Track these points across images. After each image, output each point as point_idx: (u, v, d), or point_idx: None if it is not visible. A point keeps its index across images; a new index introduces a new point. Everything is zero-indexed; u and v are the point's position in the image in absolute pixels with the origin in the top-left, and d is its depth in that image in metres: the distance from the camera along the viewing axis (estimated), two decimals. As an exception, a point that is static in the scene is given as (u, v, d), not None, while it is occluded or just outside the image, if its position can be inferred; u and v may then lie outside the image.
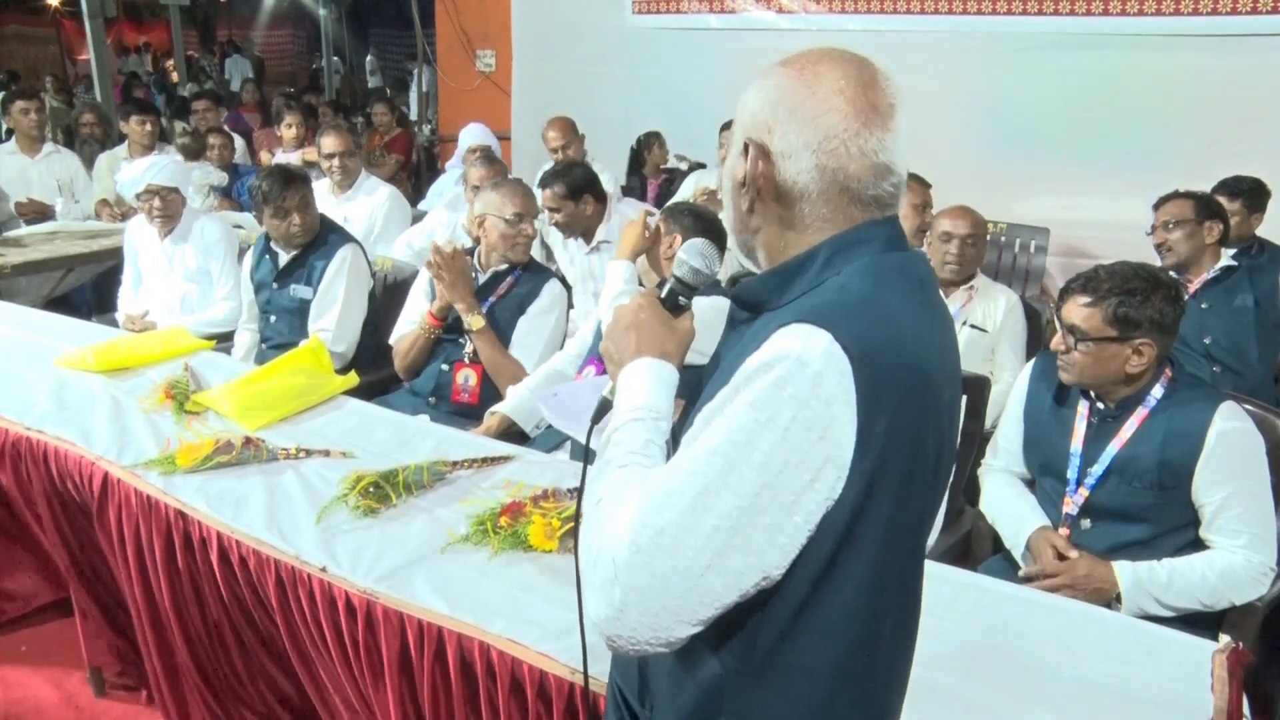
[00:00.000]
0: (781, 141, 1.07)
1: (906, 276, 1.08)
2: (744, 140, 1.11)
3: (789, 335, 0.96)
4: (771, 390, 0.94)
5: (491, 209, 2.92)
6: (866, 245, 1.07)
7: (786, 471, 0.93)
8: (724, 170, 1.17)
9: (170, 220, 3.74)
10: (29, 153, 5.39)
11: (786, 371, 0.94)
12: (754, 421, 0.94)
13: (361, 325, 3.41)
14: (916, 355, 1.01)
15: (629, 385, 1.17)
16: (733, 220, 1.16)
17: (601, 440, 1.14)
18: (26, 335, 3.07)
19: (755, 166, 1.09)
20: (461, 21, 7.82)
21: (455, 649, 1.62)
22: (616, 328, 1.24)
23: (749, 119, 1.11)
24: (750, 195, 1.11)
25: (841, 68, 1.07)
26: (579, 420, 1.88)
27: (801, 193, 1.07)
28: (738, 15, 6.38)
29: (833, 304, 1.01)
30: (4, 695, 2.64)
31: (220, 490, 2.07)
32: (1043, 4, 5.24)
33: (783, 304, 1.08)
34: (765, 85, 1.10)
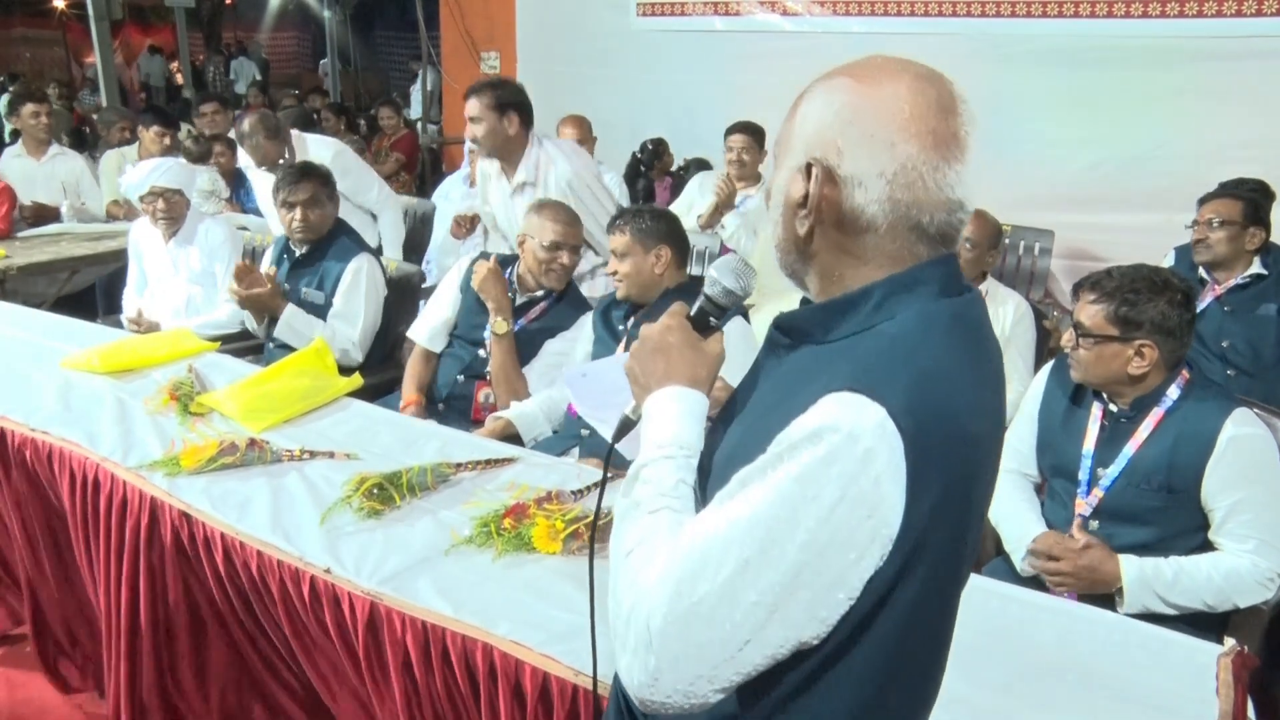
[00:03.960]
0: (851, 166, 0.99)
1: (962, 325, 1.01)
2: (806, 158, 1.02)
3: (839, 405, 0.90)
4: (819, 466, 0.88)
5: (532, 232, 2.90)
6: (924, 287, 1.01)
7: (831, 549, 0.89)
8: (774, 184, 1.08)
9: (174, 222, 3.74)
10: (35, 155, 5.41)
11: (835, 447, 0.88)
12: (799, 496, 0.89)
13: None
14: (968, 424, 0.96)
15: (657, 416, 1.12)
16: (783, 241, 1.08)
17: (628, 475, 1.09)
18: (32, 337, 3.07)
19: (819, 190, 1.01)
20: (466, 24, 7.83)
21: (459, 651, 1.62)
22: (643, 349, 1.18)
23: (812, 134, 1.02)
24: (810, 220, 1.03)
25: (921, 88, 0.99)
26: (604, 406, 1.87)
27: (868, 224, 1.00)
28: (742, 18, 6.39)
29: (886, 365, 0.94)
30: (9, 696, 2.64)
31: (225, 492, 2.07)
32: (1047, 7, 5.24)
33: (829, 339, 1.02)
34: (832, 99, 1.02)
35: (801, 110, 1.05)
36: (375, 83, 16.00)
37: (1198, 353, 3.20)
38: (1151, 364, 2.05)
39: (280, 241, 3.51)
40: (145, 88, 17.07)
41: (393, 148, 7.87)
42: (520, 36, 7.49)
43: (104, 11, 8.15)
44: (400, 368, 3.10)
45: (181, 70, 15.06)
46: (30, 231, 4.89)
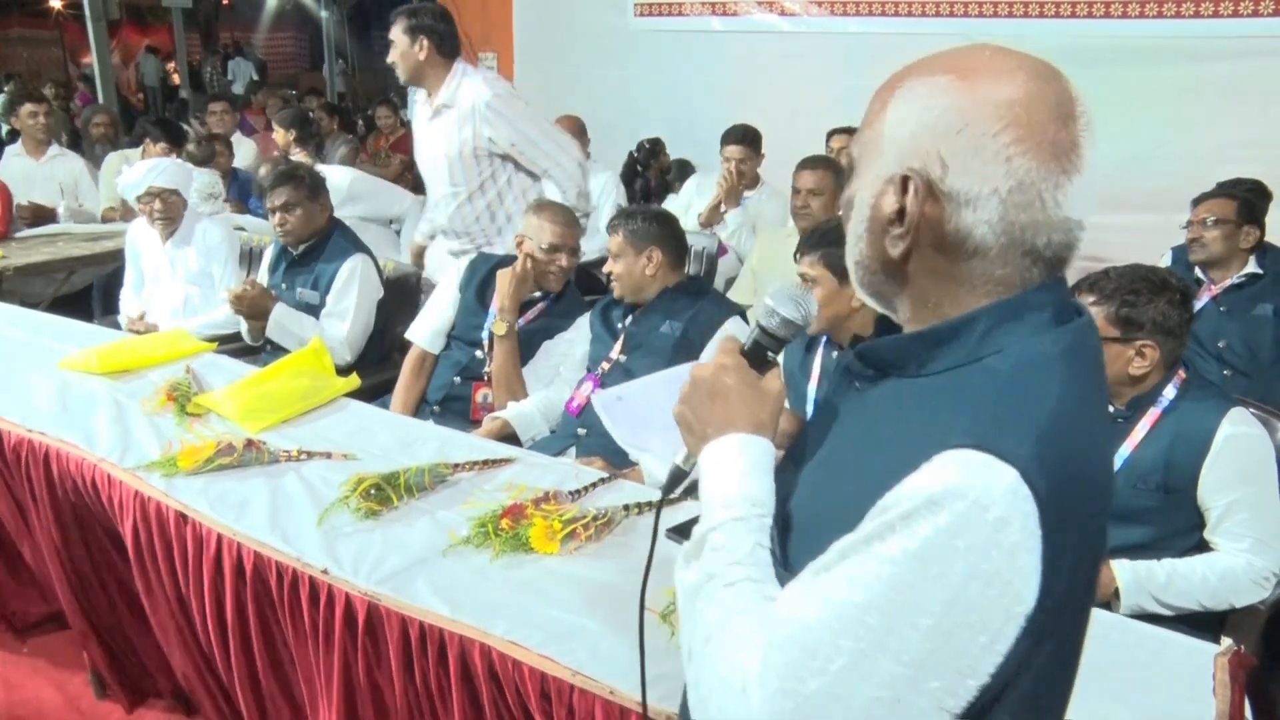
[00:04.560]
0: (959, 182, 0.87)
1: (1078, 358, 0.90)
2: (901, 168, 0.90)
3: (962, 466, 0.78)
4: (942, 539, 0.77)
5: (530, 233, 2.90)
6: (1034, 315, 0.90)
7: (960, 634, 0.78)
8: (857, 196, 0.96)
9: (171, 223, 3.75)
10: (34, 155, 5.42)
11: (961, 516, 0.77)
12: (920, 576, 0.77)
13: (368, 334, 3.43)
14: (1097, 474, 0.88)
15: (720, 469, 1.00)
16: (867, 259, 0.97)
17: (693, 539, 0.99)
18: (29, 337, 3.07)
19: (919, 207, 0.89)
20: (463, 24, 7.78)
21: (457, 651, 1.62)
22: (696, 394, 1.06)
23: (908, 139, 0.90)
24: (906, 241, 0.91)
25: (1039, 89, 0.87)
26: (642, 431, 1.84)
27: (976, 248, 0.89)
28: (740, 18, 6.39)
29: (1008, 413, 0.83)
30: (6, 696, 2.64)
31: (222, 492, 2.07)
32: (1044, 7, 5.25)
33: (923, 373, 0.92)
34: (934, 99, 0.89)
35: (894, 109, 0.92)
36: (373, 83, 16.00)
37: (1194, 353, 3.20)
38: (1152, 364, 2.05)
39: (278, 245, 3.51)
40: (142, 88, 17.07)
41: (392, 148, 7.87)
42: (518, 37, 7.49)
43: (101, 12, 8.16)
44: (398, 368, 3.09)
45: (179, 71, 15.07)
46: (28, 232, 4.89)
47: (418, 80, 3.53)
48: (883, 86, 0.95)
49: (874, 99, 0.96)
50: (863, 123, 0.97)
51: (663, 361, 2.58)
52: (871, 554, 0.80)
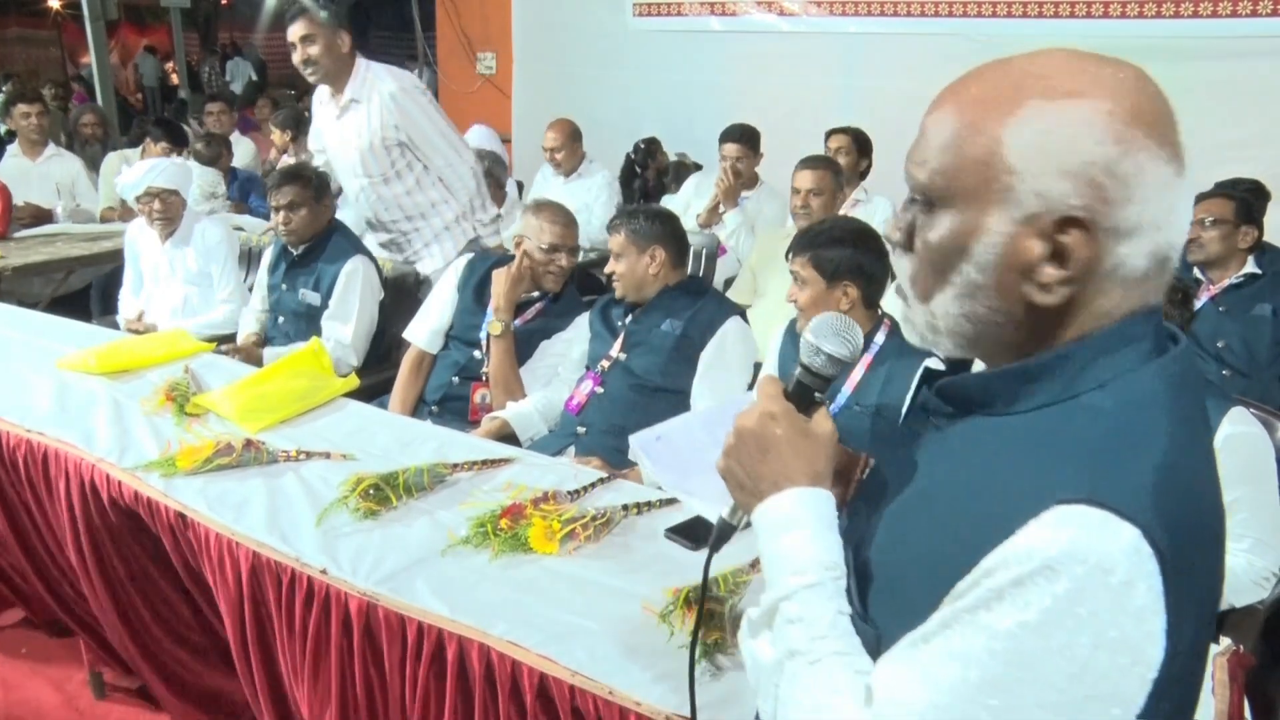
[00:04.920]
0: (1123, 213, 0.78)
1: (1184, 391, 0.83)
2: (1053, 209, 0.79)
3: (1079, 525, 0.72)
4: (1062, 608, 0.71)
5: (529, 233, 2.89)
6: (1135, 345, 0.83)
7: (1091, 708, 0.72)
8: (959, 241, 0.85)
9: (170, 223, 3.74)
10: (30, 155, 5.40)
11: (1082, 582, 0.70)
12: (1042, 649, 0.71)
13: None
14: (1213, 521, 0.82)
15: (783, 531, 0.93)
16: (990, 314, 0.86)
17: (762, 609, 0.93)
18: (28, 337, 3.06)
19: (1084, 250, 0.79)
20: (462, 24, 7.83)
21: (455, 651, 1.62)
22: (743, 447, 0.98)
23: (1052, 175, 0.79)
24: (1071, 289, 0.81)
25: (1156, 92, 0.81)
26: (686, 473, 1.82)
27: (1122, 280, 0.81)
28: (739, 18, 6.39)
29: (1120, 462, 0.76)
30: (5, 697, 2.64)
31: (221, 492, 2.07)
32: (1043, 7, 5.25)
33: (1013, 411, 0.85)
34: (1070, 127, 0.78)
35: (1017, 137, 0.80)
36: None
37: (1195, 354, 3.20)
38: None
39: (279, 242, 3.51)
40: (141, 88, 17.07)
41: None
42: (516, 36, 7.49)
43: (99, 12, 8.14)
44: (396, 368, 3.09)
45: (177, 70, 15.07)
46: (26, 232, 4.88)
47: (335, 76, 3.53)
48: (961, 106, 0.85)
49: (953, 121, 0.84)
50: (934, 153, 0.86)
51: (663, 359, 2.58)
52: (980, 626, 0.73)
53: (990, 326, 0.86)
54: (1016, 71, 0.83)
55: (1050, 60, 0.83)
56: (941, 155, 0.85)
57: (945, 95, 0.88)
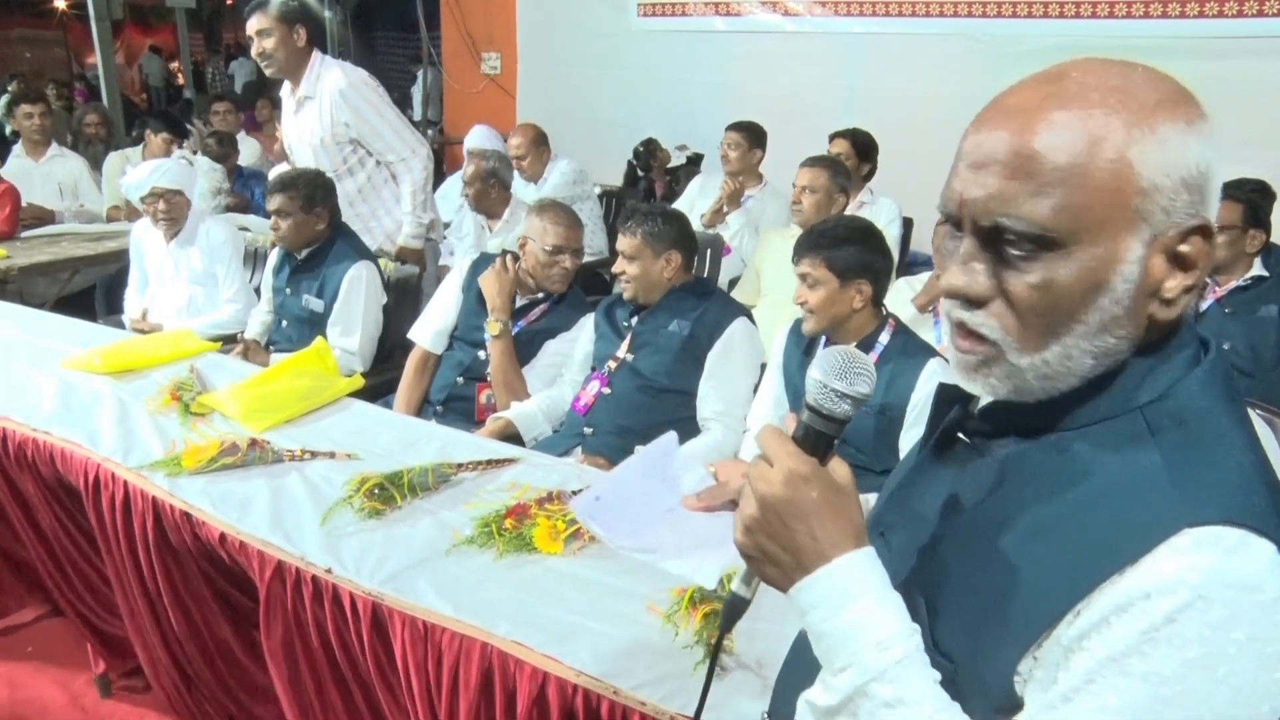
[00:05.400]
0: (1213, 212, 0.79)
1: (1233, 392, 0.82)
2: (1172, 224, 0.77)
3: (1215, 548, 0.70)
4: (1220, 636, 0.69)
5: (533, 235, 2.89)
6: (1182, 352, 0.82)
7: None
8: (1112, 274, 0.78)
9: (175, 223, 3.74)
10: (33, 156, 5.42)
11: (1234, 606, 0.69)
12: (1208, 684, 0.69)
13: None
14: None
15: (844, 603, 0.84)
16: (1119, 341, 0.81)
17: (844, 693, 0.83)
18: (33, 337, 3.07)
19: (1206, 255, 0.79)
20: (466, 24, 7.84)
21: (458, 651, 1.62)
22: (773, 520, 0.88)
23: (1176, 186, 0.77)
24: (1181, 300, 0.80)
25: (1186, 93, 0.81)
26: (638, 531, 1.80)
27: None
28: (743, 18, 6.40)
29: (1228, 475, 0.75)
30: (10, 695, 2.65)
31: (225, 491, 2.07)
32: (1048, 7, 5.25)
33: (1067, 427, 0.83)
34: (1182, 131, 0.77)
35: (1139, 155, 0.76)
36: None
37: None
38: None
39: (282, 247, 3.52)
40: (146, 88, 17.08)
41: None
42: (521, 36, 7.50)
43: (104, 12, 8.15)
44: (401, 368, 3.10)
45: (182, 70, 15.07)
46: (32, 232, 4.90)
47: (290, 71, 3.63)
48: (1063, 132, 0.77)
49: (1063, 149, 0.77)
50: (1055, 180, 0.77)
51: (670, 360, 2.58)
52: (1139, 675, 0.70)
53: (1111, 357, 0.81)
54: (1095, 87, 0.79)
55: (1107, 72, 0.80)
56: (1060, 190, 0.77)
57: (1015, 122, 0.80)
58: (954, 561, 0.87)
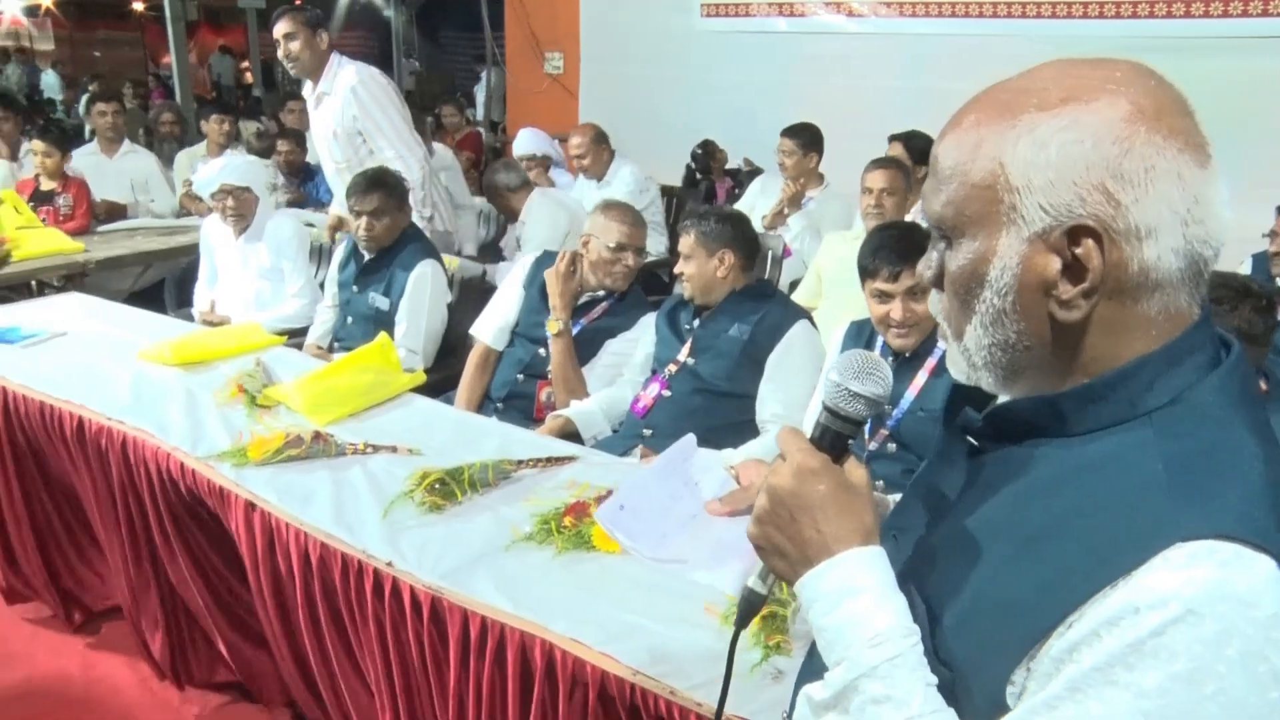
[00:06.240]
0: (1137, 213, 0.76)
1: (1250, 398, 0.81)
2: (1060, 220, 0.77)
3: (1210, 562, 0.69)
4: (1211, 652, 0.67)
5: (597, 232, 2.91)
6: (1196, 356, 0.80)
7: None
8: (978, 268, 0.82)
9: (243, 219, 3.82)
10: (107, 152, 5.58)
11: (1227, 621, 0.67)
12: (1195, 699, 0.67)
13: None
14: None
15: (843, 598, 0.85)
16: (1018, 339, 0.83)
17: (837, 688, 0.84)
18: (110, 329, 3.16)
19: (1097, 259, 0.77)
20: (531, 24, 7.89)
21: (517, 646, 1.63)
22: (781, 512, 0.90)
23: (1055, 186, 0.77)
24: (1094, 300, 0.78)
25: (1160, 88, 0.79)
26: (663, 539, 1.81)
27: (1159, 282, 0.78)
28: (806, 19, 6.37)
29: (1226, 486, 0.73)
30: (84, 675, 2.73)
31: (289, 483, 2.11)
32: (1120, 7, 5.14)
33: (1073, 433, 0.82)
34: (1069, 133, 0.76)
35: (1015, 154, 0.78)
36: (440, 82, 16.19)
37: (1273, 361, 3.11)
38: None
39: (350, 243, 3.56)
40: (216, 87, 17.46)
41: (458, 146, 7.95)
42: (584, 36, 7.53)
43: (180, 13, 8.37)
44: (462, 364, 3.12)
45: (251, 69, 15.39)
46: (108, 227, 5.04)
47: (311, 71, 3.92)
48: (961, 133, 0.83)
49: (955, 149, 0.83)
50: (940, 187, 0.84)
51: (730, 364, 2.57)
52: (1122, 686, 0.69)
53: (1022, 353, 0.83)
54: (1010, 90, 0.82)
55: (1042, 73, 0.81)
56: (948, 186, 0.84)
57: (948, 126, 0.85)
58: (954, 567, 0.86)
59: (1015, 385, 0.87)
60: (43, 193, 4.91)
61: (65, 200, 4.92)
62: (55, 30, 19.84)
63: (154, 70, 18.12)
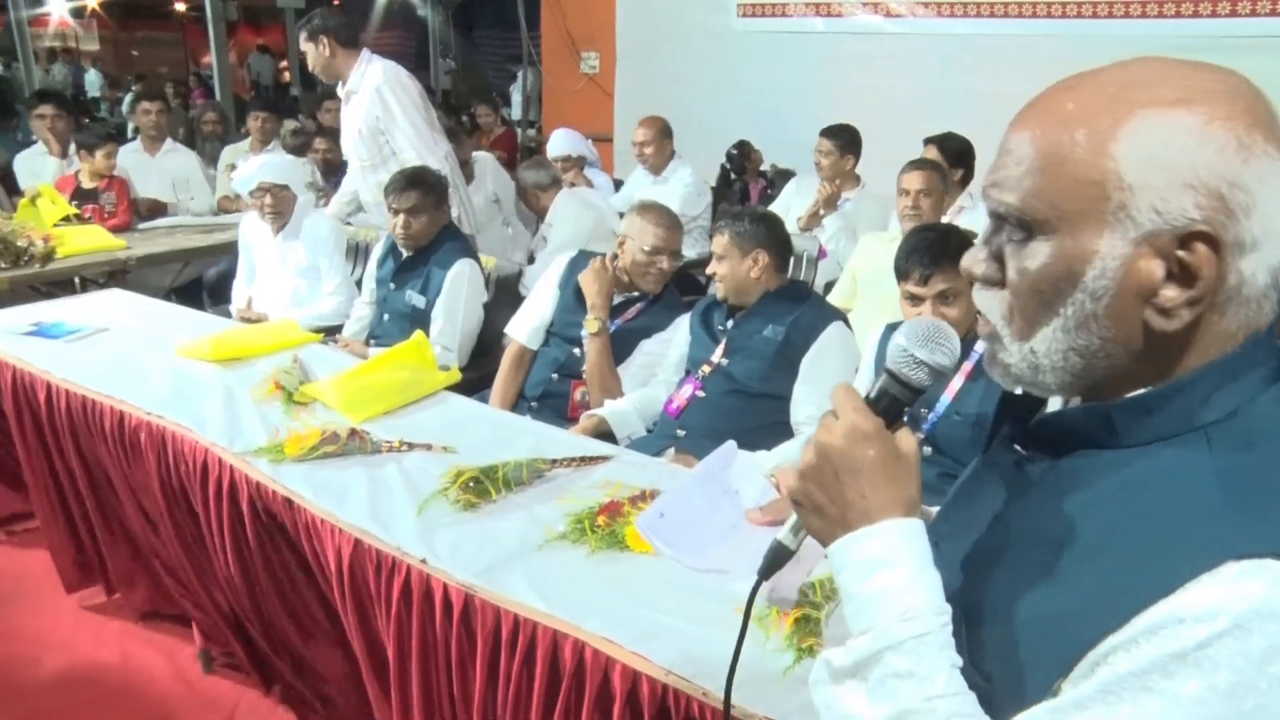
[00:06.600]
0: (1248, 226, 0.73)
1: None
2: (1173, 224, 0.73)
3: (1263, 580, 0.67)
4: (1255, 669, 0.65)
5: (633, 234, 2.91)
6: (1257, 370, 0.77)
7: None
8: (1088, 266, 0.77)
9: (281, 217, 3.86)
10: (150, 151, 5.65)
11: (1275, 639, 0.65)
12: (1231, 713, 0.66)
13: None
14: None
15: (876, 568, 0.84)
16: (1103, 346, 0.79)
17: (857, 656, 0.83)
18: (150, 325, 3.20)
19: (1210, 267, 0.73)
20: (567, 23, 7.91)
21: (549, 645, 1.63)
22: (824, 469, 0.88)
23: (1169, 188, 0.73)
24: (1182, 313, 0.75)
25: (1260, 100, 0.76)
26: (703, 548, 1.81)
27: (1245, 298, 0.75)
28: (844, 19, 6.33)
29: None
30: (122, 664, 2.78)
31: (325, 479, 2.12)
32: (1164, 6, 5.07)
33: (1124, 445, 0.79)
34: (1187, 135, 0.73)
35: (1125, 151, 0.74)
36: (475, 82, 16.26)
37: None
38: None
39: (388, 241, 3.59)
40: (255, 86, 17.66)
41: (493, 146, 7.98)
42: (620, 36, 7.53)
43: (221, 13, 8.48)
44: (497, 363, 3.14)
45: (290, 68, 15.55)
46: (149, 224, 5.11)
47: (335, 74, 4.00)
48: (1057, 121, 0.78)
49: (1049, 137, 0.78)
50: (1034, 168, 0.79)
51: (764, 365, 2.56)
52: (1157, 693, 0.68)
53: (1101, 359, 0.80)
54: (1114, 82, 0.78)
55: (1147, 69, 0.78)
56: (1038, 176, 0.79)
57: (1032, 112, 0.82)
58: (997, 578, 0.84)
59: (1075, 389, 0.84)
60: (85, 190, 4.98)
61: (108, 198, 5.00)
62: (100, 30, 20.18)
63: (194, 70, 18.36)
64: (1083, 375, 0.82)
